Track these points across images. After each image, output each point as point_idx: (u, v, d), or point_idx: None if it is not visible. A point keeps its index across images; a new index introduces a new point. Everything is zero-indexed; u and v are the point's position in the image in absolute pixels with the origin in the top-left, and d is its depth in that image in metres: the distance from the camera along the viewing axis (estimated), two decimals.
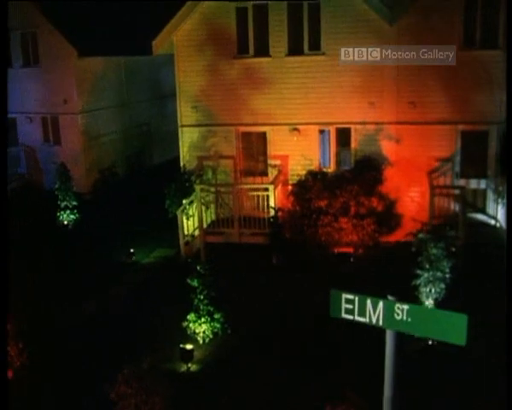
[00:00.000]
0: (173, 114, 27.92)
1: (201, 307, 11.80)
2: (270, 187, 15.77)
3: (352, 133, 16.28)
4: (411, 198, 16.05)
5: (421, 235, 11.38)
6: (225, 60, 16.71)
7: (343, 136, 16.49)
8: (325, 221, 15.53)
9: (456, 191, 14.75)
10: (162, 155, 26.37)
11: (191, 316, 11.85)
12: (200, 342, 11.67)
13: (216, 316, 11.86)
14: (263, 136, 16.98)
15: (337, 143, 16.53)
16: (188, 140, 17.41)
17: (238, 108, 16.87)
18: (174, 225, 16.75)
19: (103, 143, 23.58)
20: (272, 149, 16.90)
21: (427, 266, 11.22)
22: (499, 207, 15.37)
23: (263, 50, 16.46)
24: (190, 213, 16.63)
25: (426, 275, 11.26)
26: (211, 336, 11.71)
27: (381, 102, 15.92)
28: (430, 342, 10.73)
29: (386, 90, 15.85)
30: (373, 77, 15.85)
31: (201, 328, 11.75)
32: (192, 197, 16.48)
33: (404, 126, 15.84)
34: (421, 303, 11.46)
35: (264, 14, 16.19)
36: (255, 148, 17.24)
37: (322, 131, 16.62)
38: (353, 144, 16.34)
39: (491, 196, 15.62)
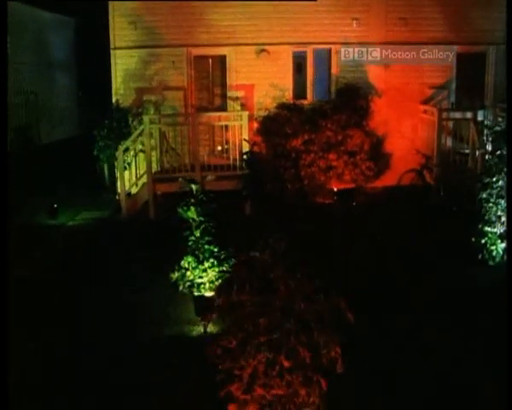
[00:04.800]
0: (64, 87, 24.02)
1: (202, 247, 8.19)
2: (244, 114, 12.43)
3: (333, 56, 13.54)
4: (402, 134, 13.60)
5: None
6: None
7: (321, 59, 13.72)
8: (308, 160, 12.59)
9: (469, 116, 12.47)
10: (52, 133, 21.65)
11: (187, 260, 8.16)
12: (207, 295, 8.03)
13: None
14: (222, 60, 13.57)
15: (315, 68, 13.67)
16: (123, 67, 13.47)
17: (190, 24, 13.29)
18: (94, 187, 13.87)
19: None
20: (234, 78, 13.55)
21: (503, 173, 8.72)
22: None
23: None
24: (129, 159, 12.85)
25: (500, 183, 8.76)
26: None
27: (367, 19, 13.39)
28: None
29: (373, 4, 13.35)
30: None
31: (207, 275, 8.10)
32: (128, 143, 12.68)
33: (394, 47, 13.42)
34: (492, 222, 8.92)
35: None
36: (212, 76, 13.78)
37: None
38: (334, 70, 13.57)
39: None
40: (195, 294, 7.69)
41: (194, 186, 8.54)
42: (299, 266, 4.07)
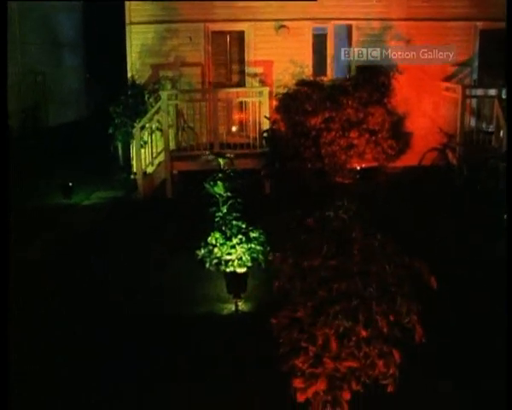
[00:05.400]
0: (72, 68, 23.65)
1: (229, 223, 7.91)
2: (264, 90, 12.17)
3: (354, 32, 13.25)
4: (423, 112, 13.36)
5: None
6: None
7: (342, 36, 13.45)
8: (329, 138, 12.33)
9: (493, 93, 12.23)
10: (60, 115, 21.28)
11: (215, 237, 7.87)
12: (239, 271, 7.73)
13: (253, 234, 7.88)
14: (240, 36, 13.28)
15: (335, 44, 13.40)
16: (138, 43, 13.17)
17: None
18: (107, 167, 13.64)
19: None
20: (252, 54, 13.27)
21: None
22: None
23: None
24: (145, 138, 12.58)
25: None
26: (249, 264, 7.63)
27: None
28: None
29: None
30: None
31: (235, 252, 7.75)
32: (145, 120, 12.42)
33: (417, 23, 13.13)
34: None
35: None
36: (230, 52, 13.51)
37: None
38: (355, 47, 13.29)
39: None
40: (227, 270, 7.43)
41: (221, 161, 8.35)
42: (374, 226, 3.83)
